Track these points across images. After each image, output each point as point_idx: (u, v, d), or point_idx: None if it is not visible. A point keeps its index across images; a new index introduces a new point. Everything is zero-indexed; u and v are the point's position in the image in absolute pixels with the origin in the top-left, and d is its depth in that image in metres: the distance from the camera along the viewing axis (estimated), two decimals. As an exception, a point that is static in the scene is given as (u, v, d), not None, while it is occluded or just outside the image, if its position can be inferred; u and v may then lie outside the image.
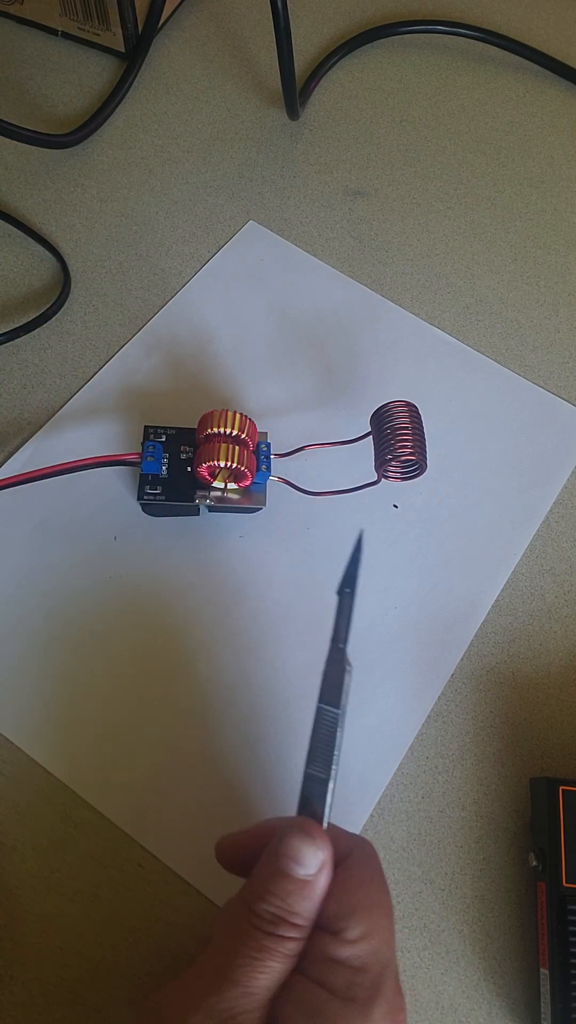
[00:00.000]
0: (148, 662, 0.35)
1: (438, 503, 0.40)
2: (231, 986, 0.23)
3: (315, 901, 0.24)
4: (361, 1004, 0.23)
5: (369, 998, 0.23)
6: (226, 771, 0.34)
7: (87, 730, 0.34)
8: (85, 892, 0.32)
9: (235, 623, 0.36)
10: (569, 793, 0.32)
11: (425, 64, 0.55)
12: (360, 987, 0.23)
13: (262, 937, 0.24)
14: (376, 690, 0.35)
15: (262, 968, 0.23)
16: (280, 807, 0.33)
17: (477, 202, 0.49)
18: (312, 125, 0.51)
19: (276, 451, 0.38)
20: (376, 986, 0.23)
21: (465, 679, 0.36)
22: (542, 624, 0.38)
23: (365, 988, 0.23)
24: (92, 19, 0.51)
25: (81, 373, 0.42)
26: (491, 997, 0.31)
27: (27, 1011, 0.30)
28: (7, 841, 0.32)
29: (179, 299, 0.44)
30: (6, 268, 0.45)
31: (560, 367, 0.44)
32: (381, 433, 0.36)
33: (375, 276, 0.46)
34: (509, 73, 0.55)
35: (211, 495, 0.36)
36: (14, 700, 0.34)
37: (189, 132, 0.50)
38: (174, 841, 0.32)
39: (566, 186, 0.50)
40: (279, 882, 0.24)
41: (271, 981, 0.23)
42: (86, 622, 0.36)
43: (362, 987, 0.23)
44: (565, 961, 0.30)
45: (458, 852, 0.33)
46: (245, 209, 0.48)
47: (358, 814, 0.34)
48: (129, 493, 0.38)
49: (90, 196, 0.47)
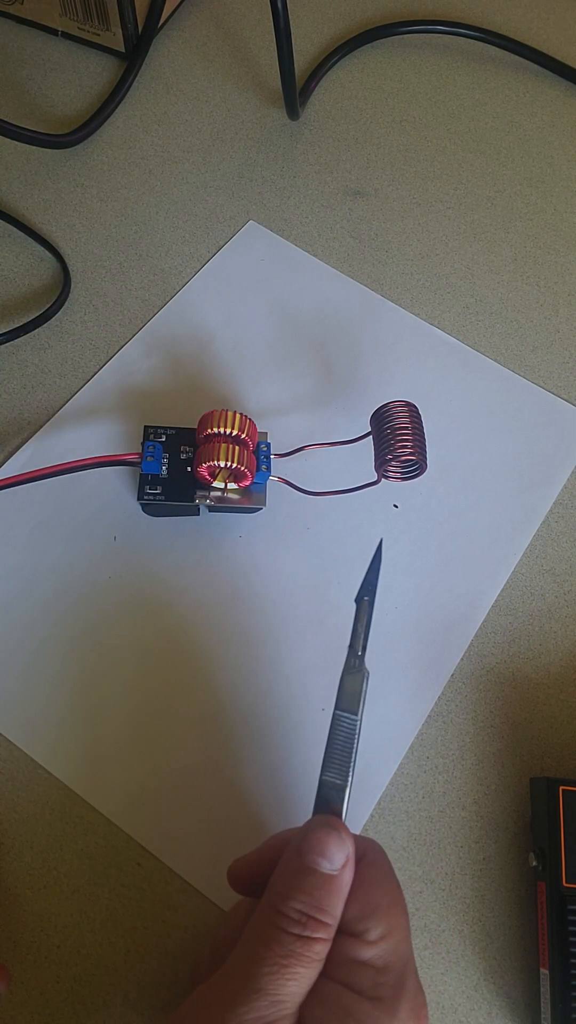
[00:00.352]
0: (147, 662, 0.35)
1: (438, 503, 0.40)
2: (259, 995, 0.22)
3: (341, 898, 0.24)
4: (388, 1003, 0.23)
5: (394, 996, 0.23)
6: (225, 770, 0.34)
7: (85, 729, 0.34)
8: (83, 891, 0.32)
9: (235, 623, 0.36)
10: (569, 793, 0.32)
11: (425, 64, 0.55)
12: (385, 986, 0.23)
13: (290, 942, 0.23)
14: (376, 690, 0.35)
15: (290, 975, 0.23)
16: (280, 806, 0.33)
17: (477, 202, 0.49)
18: (312, 125, 0.51)
19: (276, 451, 0.38)
20: (400, 984, 0.24)
21: (465, 679, 0.36)
22: (542, 624, 0.38)
23: (390, 987, 0.23)
24: (92, 19, 0.51)
25: (81, 373, 0.42)
26: (491, 997, 0.31)
27: (26, 1010, 0.30)
28: (5, 840, 0.32)
29: (179, 299, 0.44)
30: (6, 268, 0.45)
31: (560, 367, 0.44)
32: (381, 433, 0.36)
33: (375, 276, 0.46)
34: (509, 73, 0.55)
35: (211, 495, 0.36)
36: (13, 699, 0.34)
37: (189, 132, 0.50)
38: (172, 840, 0.32)
39: (566, 186, 0.50)
40: (306, 879, 0.24)
41: (300, 988, 0.23)
42: (85, 622, 0.36)
43: (387, 986, 0.23)
44: (565, 961, 0.30)
45: (458, 852, 0.33)
46: (245, 209, 0.48)
47: (358, 814, 0.33)
48: (129, 493, 0.38)
49: (90, 196, 0.47)
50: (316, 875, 0.24)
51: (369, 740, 0.34)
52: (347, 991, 0.23)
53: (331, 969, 0.24)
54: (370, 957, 0.24)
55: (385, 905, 0.25)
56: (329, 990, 0.23)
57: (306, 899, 0.24)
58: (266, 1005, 0.22)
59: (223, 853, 0.28)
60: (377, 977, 0.24)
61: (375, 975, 0.24)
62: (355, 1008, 0.23)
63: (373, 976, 0.24)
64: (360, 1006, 0.23)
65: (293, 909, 0.24)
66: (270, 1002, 0.22)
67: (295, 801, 0.33)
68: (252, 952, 0.23)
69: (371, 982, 0.23)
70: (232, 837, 0.32)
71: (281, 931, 0.23)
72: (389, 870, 0.26)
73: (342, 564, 0.38)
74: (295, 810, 0.33)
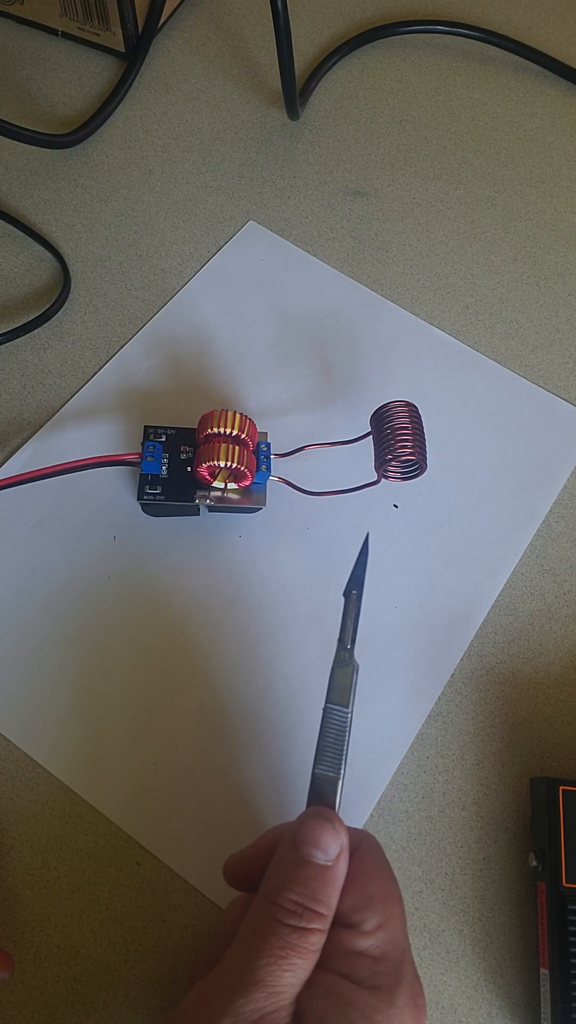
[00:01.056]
0: (147, 661, 0.35)
1: (438, 503, 0.40)
2: (257, 987, 0.23)
3: (336, 888, 0.24)
4: (385, 991, 0.23)
5: (392, 985, 0.23)
6: (225, 769, 0.34)
7: (85, 728, 0.34)
8: (83, 891, 0.32)
9: (235, 623, 0.36)
10: (569, 793, 0.32)
11: (425, 64, 0.55)
12: (382, 975, 0.24)
13: (286, 933, 0.23)
14: (376, 690, 0.35)
15: (287, 966, 0.23)
16: (279, 805, 0.33)
17: (477, 202, 0.49)
18: (312, 125, 0.51)
19: (276, 451, 0.38)
20: (397, 973, 0.24)
21: (465, 679, 0.36)
22: (542, 624, 0.38)
23: (387, 976, 0.24)
24: (92, 19, 0.51)
25: (81, 373, 0.42)
26: (491, 997, 0.31)
27: (26, 1010, 0.30)
28: (5, 840, 0.32)
29: (179, 299, 0.44)
30: (6, 268, 0.45)
31: (560, 367, 0.44)
32: (381, 433, 0.36)
33: (375, 276, 0.46)
34: (509, 73, 0.55)
35: (211, 495, 0.36)
36: (12, 699, 0.34)
37: (189, 132, 0.50)
38: (172, 839, 0.32)
39: (566, 186, 0.50)
40: (300, 870, 0.24)
41: (297, 979, 0.23)
42: (85, 621, 0.36)
43: (384, 975, 0.24)
44: (565, 961, 0.30)
45: (458, 852, 0.33)
46: (245, 209, 0.48)
47: (359, 814, 0.33)
48: (129, 493, 0.38)
49: (90, 196, 0.47)
50: (311, 866, 0.24)
51: (369, 740, 0.34)
52: (345, 981, 0.23)
53: (328, 960, 0.24)
54: (367, 947, 0.24)
55: (380, 895, 0.25)
56: (326, 981, 0.23)
57: (301, 890, 0.24)
58: (264, 997, 0.23)
59: (223, 852, 0.28)
60: (374, 967, 0.24)
61: (372, 964, 0.24)
62: (353, 997, 0.23)
63: (370, 966, 0.24)
64: (358, 995, 0.23)
65: (289, 900, 0.24)
66: (268, 993, 0.23)
67: (295, 800, 0.33)
68: (249, 945, 0.24)
69: (368, 971, 0.24)
70: (232, 836, 0.32)
71: (277, 923, 0.23)
72: (384, 861, 0.26)
73: (342, 564, 0.38)
74: (295, 809, 0.33)
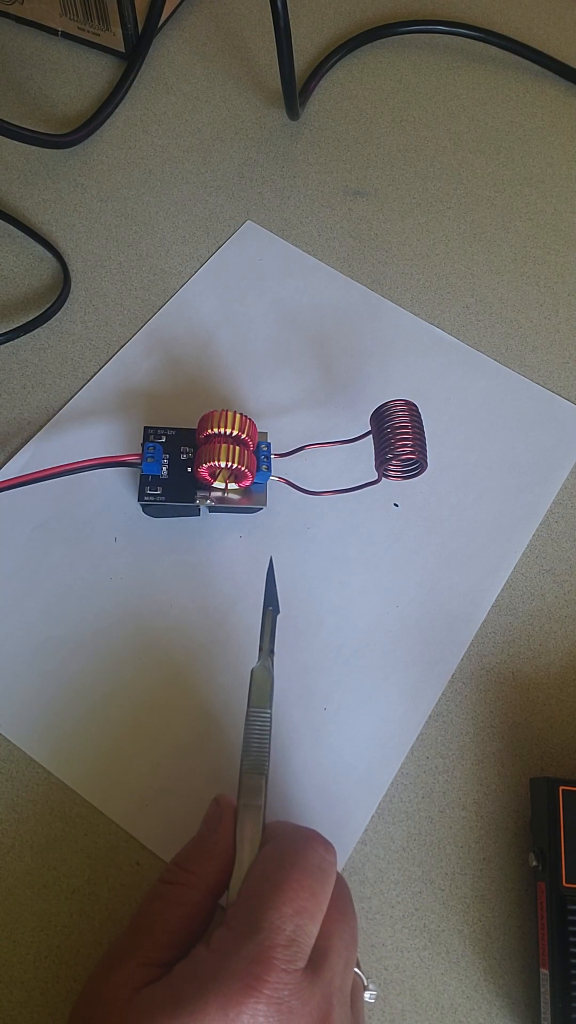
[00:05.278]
0: (147, 662, 0.35)
1: (438, 502, 0.40)
2: (140, 935, 0.26)
3: (205, 852, 0.27)
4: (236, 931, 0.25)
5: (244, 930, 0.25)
6: (224, 769, 0.34)
7: (86, 729, 0.34)
8: (83, 890, 0.32)
9: (235, 623, 0.36)
10: (569, 793, 0.32)
11: (425, 64, 0.55)
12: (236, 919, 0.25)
13: (158, 888, 0.27)
14: (378, 690, 0.35)
15: (152, 910, 0.27)
16: (279, 805, 0.33)
17: (477, 202, 0.49)
18: (312, 125, 0.51)
19: (276, 451, 0.38)
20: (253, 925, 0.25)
21: (465, 679, 0.36)
22: (542, 624, 0.38)
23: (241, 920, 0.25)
24: (92, 19, 0.51)
25: (81, 373, 0.42)
26: (491, 997, 0.31)
27: (26, 1010, 0.30)
28: (4, 839, 0.32)
29: (179, 299, 0.44)
30: (6, 268, 0.45)
31: (560, 366, 0.44)
32: (381, 432, 0.36)
33: (375, 276, 0.46)
34: (509, 73, 0.55)
35: (211, 495, 0.36)
36: (12, 699, 0.34)
37: (189, 132, 0.50)
38: (172, 839, 0.32)
39: (566, 186, 0.50)
40: (187, 846, 0.28)
41: (163, 927, 0.26)
42: (86, 622, 0.36)
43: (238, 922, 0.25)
44: (565, 961, 0.29)
45: (458, 852, 0.33)
46: (245, 209, 0.48)
47: (360, 814, 0.33)
48: (129, 494, 0.38)
49: (90, 196, 0.47)
50: (193, 840, 0.28)
51: (370, 740, 0.35)
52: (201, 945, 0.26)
53: None
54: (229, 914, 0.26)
55: (256, 873, 0.26)
56: None
57: (177, 858, 0.28)
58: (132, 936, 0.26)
59: (223, 853, 0.29)
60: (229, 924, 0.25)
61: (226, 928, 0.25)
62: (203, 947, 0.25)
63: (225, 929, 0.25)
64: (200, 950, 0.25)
65: (170, 866, 0.28)
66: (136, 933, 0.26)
67: (294, 800, 0.33)
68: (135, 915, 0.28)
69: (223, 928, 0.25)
70: (232, 837, 0.32)
71: (157, 883, 0.28)
72: (289, 850, 0.27)
73: (342, 564, 0.38)
74: (295, 809, 0.33)
